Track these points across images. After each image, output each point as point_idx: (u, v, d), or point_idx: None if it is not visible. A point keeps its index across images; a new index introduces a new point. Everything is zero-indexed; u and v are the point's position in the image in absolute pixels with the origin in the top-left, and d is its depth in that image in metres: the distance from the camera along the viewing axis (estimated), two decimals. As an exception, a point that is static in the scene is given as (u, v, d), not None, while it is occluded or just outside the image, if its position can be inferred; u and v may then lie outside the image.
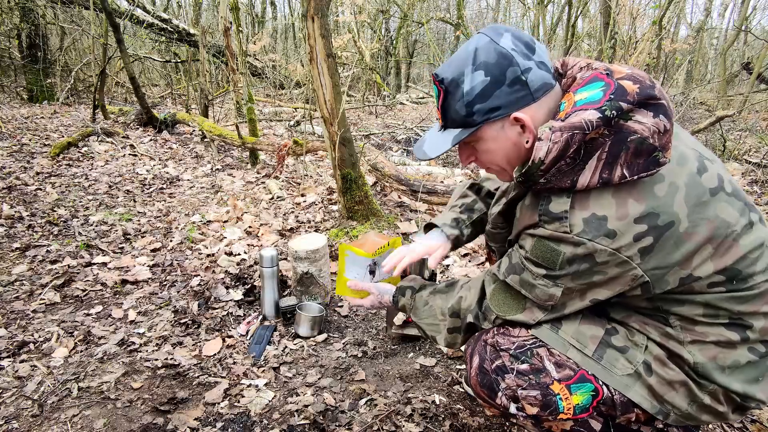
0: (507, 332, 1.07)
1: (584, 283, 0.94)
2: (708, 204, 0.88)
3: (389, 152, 5.69)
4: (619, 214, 0.86)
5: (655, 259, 0.87)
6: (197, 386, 1.66)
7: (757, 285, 0.91)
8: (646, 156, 0.85)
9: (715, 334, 0.94)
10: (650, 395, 0.97)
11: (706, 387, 0.96)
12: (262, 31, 13.73)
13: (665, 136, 0.85)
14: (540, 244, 0.94)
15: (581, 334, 1.00)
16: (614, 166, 0.85)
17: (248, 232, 3.13)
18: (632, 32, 4.85)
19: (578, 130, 0.84)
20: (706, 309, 0.93)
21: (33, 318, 2.08)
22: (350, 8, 8.05)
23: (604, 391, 0.98)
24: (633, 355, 0.98)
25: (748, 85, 8.15)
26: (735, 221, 0.89)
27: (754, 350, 0.94)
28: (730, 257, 0.89)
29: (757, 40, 10.91)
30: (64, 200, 3.65)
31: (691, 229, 0.86)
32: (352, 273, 1.52)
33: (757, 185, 4.37)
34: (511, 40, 0.91)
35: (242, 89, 5.53)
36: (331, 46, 2.70)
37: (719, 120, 4.31)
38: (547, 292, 0.97)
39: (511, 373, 1.02)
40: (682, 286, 0.91)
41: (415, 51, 15.93)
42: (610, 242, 0.86)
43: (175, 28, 8.86)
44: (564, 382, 0.98)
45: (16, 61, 8.63)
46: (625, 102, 0.84)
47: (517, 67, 0.90)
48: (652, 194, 0.86)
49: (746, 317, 0.93)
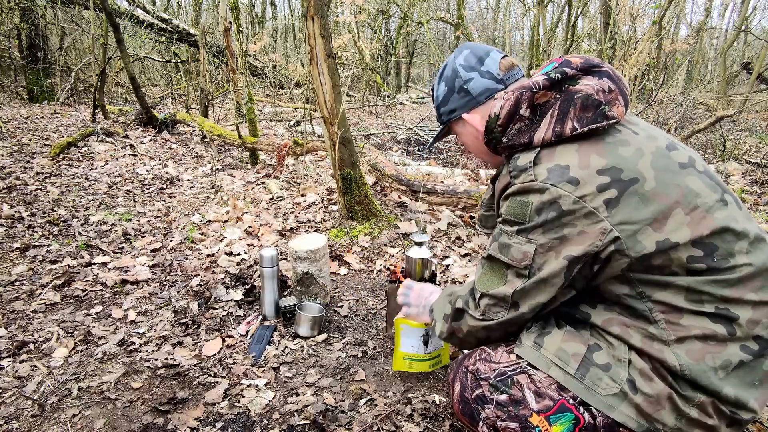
0: (488, 357, 1.08)
1: (556, 238, 0.95)
2: (676, 173, 0.93)
3: (389, 152, 5.69)
4: (581, 164, 0.93)
5: (622, 213, 0.90)
6: (197, 386, 1.66)
7: (738, 267, 0.90)
8: (594, 109, 0.95)
9: (700, 327, 0.90)
10: (637, 414, 0.94)
11: (692, 399, 0.91)
12: (262, 31, 13.73)
13: (610, 94, 0.96)
14: (512, 202, 1.00)
15: (563, 351, 0.99)
16: (565, 120, 0.96)
17: (248, 232, 3.13)
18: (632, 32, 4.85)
19: (526, 89, 0.99)
20: (689, 294, 0.91)
21: (33, 318, 2.08)
22: (350, 8, 8.04)
23: (585, 418, 0.96)
24: (616, 373, 0.95)
25: (748, 85, 8.15)
26: (705, 194, 0.92)
27: (746, 348, 0.90)
28: (704, 227, 0.89)
29: (757, 40, 10.91)
30: (64, 200, 3.65)
31: (659, 189, 0.90)
32: (407, 346, 1.64)
33: (757, 185, 4.37)
34: (464, 57, 1.14)
35: (242, 89, 5.53)
36: (331, 46, 2.70)
37: (719, 120, 4.31)
38: (521, 249, 0.98)
39: (490, 404, 1.02)
40: (660, 256, 0.90)
41: (415, 51, 15.93)
42: (573, 189, 0.91)
43: (175, 28, 8.86)
44: (543, 414, 0.98)
45: (16, 61, 8.63)
46: (569, 68, 0.98)
47: (460, 79, 1.13)
48: (616, 153, 0.94)
49: (732, 306, 0.90)
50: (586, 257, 0.93)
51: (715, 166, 4.79)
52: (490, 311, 1.06)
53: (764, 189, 4.27)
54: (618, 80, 0.99)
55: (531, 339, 1.04)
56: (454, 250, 2.85)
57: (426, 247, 1.87)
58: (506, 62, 1.12)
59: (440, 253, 2.81)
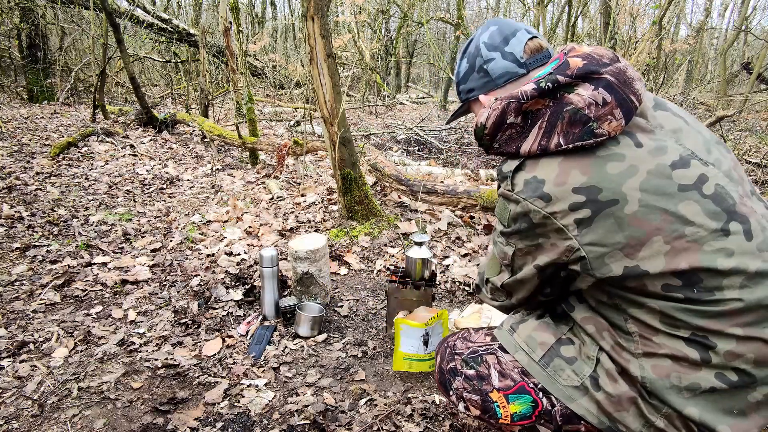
0: (468, 337, 1.19)
1: (531, 245, 0.97)
2: (671, 196, 0.85)
3: (389, 152, 5.69)
4: (558, 180, 0.90)
5: (592, 234, 0.87)
6: (197, 386, 1.66)
7: (725, 301, 0.83)
8: (581, 126, 0.89)
9: (671, 348, 0.87)
10: (598, 411, 0.94)
11: (659, 408, 0.89)
12: (262, 31, 13.73)
13: (603, 108, 0.89)
14: (499, 202, 1.03)
15: (532, 339, 1.06)
16: (552, 134, 0.92)
17: (248, 232, 3.13)
18: (632, 32, 4.85)
19: (514, 99, 0.95)
20: (663, 317, 0.87)
21: (33, 318, 2.08)
22: (350, 8, 8.04)
23: (543, 403, 1.02)
24: (580, 368, 0.98)
25: (748, 85, 8.15)
26: (699, 221, 0.84)
27: (722, 377, 0.85)
28: (686, 260, 0.83)
29: (757, 40, 10.91)
30: (64, 200, 3.65)
31: (641, 215, 0.84)
32: (407, 346, 1.67)
33: (757, 185, 4.37)
34: (489, 35, 1.05)
35: (242, 89, 5.53)
36: (331, 46, 2.70)
37: (719, 120, 4.31)
38: (503, 249, 1.04)
39: (460, 377, 1.13)
40: (631, 280, 0.87)
41: (415, 51, 15.93)
42: (543, 205, 0.90)
43: (175, 28, 8.86)
44: (503, 392, 1.06)
45: (16, 61, 8.63)
46: (563, 75, 0.92)
47: (481, 58, 1.05)
48: (602, 170, 0.88)
49: (710, 336, 0.85)
50: (555, 265, 0.96)
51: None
52: (495, 295, 1.16)
53: (764, 189, 4.27)
54: (620, 86, 0.90)
55: (509, 323, 1.14)
56: (454, 250, 2.85)
57: (426, 247, 1.87)
58: (533, 44, 1.03)
59: (440, 253, 2.81)
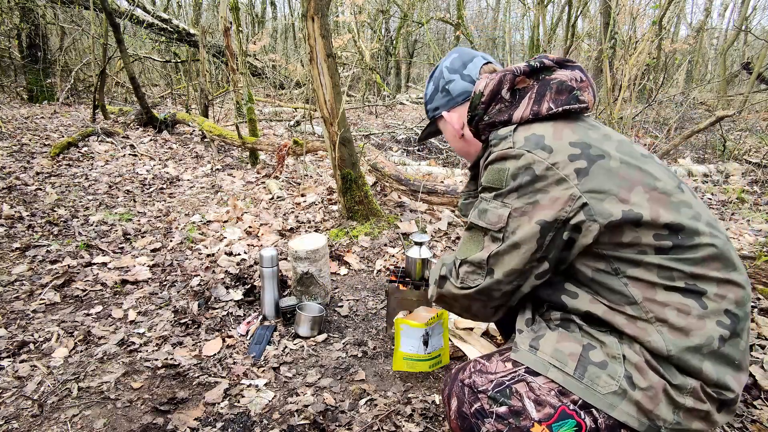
0: (484, 369, 1.06)
1: (529, 202, 1.00)
2: (638, 158, 1.01)
3: (389, 152, 5.69)
4: (555, 135, 1.02)
5: (591, 182, 0.96)
6: (197, 386, 1.66)
7: (703, 246, 0.94)
8: (567, 93, 1.06)
9: (673, 302, 0.94)
10: (638, 412, 0.93)
11: (684, 387, 0.93)
12: (262, 31, 13.73)
13: (582, 83, 1.08)
14: (490, 169, 1.07)
15: (559, 352, 0.99)
16: (542, 102, 1.06)
17: (248, 232, 3.13)
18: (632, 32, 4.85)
19: (509, 72, 1.10)
20: (660, 270, 0.95)
21: (33, 318, 2.08)
22: (350, 8, 8.04)
23: (587, 423, 0.95)
24: (614, 370, 0.95)
25: (748, 85, 8.15)
26: (664, 179, 0.99)
27: (721, 323, 0.94)
28: (664, 205, 0.96)
29: (757, 40, 10.91)
30: (64, 200, 3.65)
31: (623, 170, 0.98)
32: (407, 346, 1.67)
33: (757, 185, 4.37)
34: (450, 60, 1.26)
35: (242, 89, 5.53)
36: (331, 46, 2.70)
37: (719, 120, 4.30)
38: (496, 212, 1.04)
39: (490, 417, 1.00)
40: (628, 232, 0.95)
41: (415, 51, 15.92)
42: (546, 155, 0.99)
43: (175, 28, 8.85)
44: (545, 423, 0.96)
45: (16, 61, 8.62)
46: (547, 59, 1.10)
47: (444, 79, 1.25)
48: (587, 133, 1.03)
49: (699, 282, 0.94)
50: (557, 223, 0.98)
51: (715, 166, 4.79)
52: (468, 278, 1.10)
53: (764, 189, 4.27)
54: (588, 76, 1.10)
55: (526, 343, 1.04)
56: (454, 250, 2.85)
57: (426, 247, 1.87)
58: (487, 68, 1.22)
59: (440, 253, 2.81)
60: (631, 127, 5.21)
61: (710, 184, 4.44)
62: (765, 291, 2.12)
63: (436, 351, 1.68)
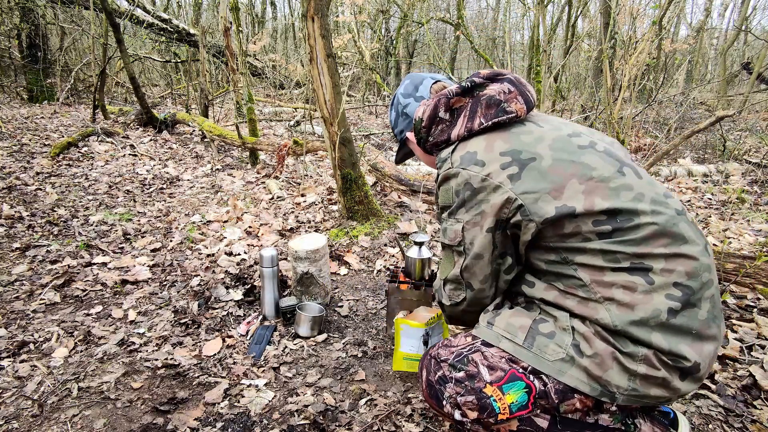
0: (449, 343, 1.20)
1: (476, 214, 1.10)
2: (573, 152, 1.08)
3: (389, 152, 5.68)
4: (486, 149, 1.11)
5: (523, 185, 1.05)
6: (197, 386, 1.66)
7: (643, 225, 0.99)
8: (496, 107, 1.15)
9: (620, 280, 0.99)
10: (588, 378, 1.00)
11: (635, 354, 0.97)
12: (262, 31, 13.73)
13: (509, 95, 1.16)
14: (441, 190, 1.18)
15: (511, 325, 1.11)
16: (474, 118, 1.16)
17: (248, 232, 3.13)
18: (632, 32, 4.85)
19: (443, 96, 1.20)
20: (604, 255, 1.01)
21: (33, 318, 2.08)
22: (350, 8, 8.04)
23: (536, 385, 1.05)
24: (561, 339, 1.04)
25: (748, 85, 8.15)
26: (600, 167, 1.05)
27: (670, 296, 0.97)
28: (599, 194, 1.01)
29: (757, 40, 10.91)
30: (64, 200, 3.65)
31: (556, 166, 1.05)
32: (407, 346, 1.67)
33: (757, 185, 4.37)
34: (404, 86, 1.38)
35: (242, 89, 5.52)
36: (331, 46, 2.70)
37: (719, 120, 4.30)
38: (453, 229, 1.15)
39: (450, 382, 1.12)
40: (566, 224, 1.02)
41: (415, 51, 15.91)
42: (480, 169, 1.09)
43: (175, 28, 8.85)
44: (496, 384, 1.07)
45: (16, 61, 8.62)
46: (477, 77, 1.19)
47: (401, 105, 1.37)
48: (518, 139, 1.11)
49: (645, 260, 0.99)
50: (499, 224, 1.09)
51: (715, 166, 4.79)
52: (453, 295, 1.23)
53: (764, 189, 4.27)
54: (519, 84, 1.19)
55: (485, 320, 1.17)
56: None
57: (426, 247, 1.87)
58: (437, 86, 1.32)
59: (440, 253, 2.80)
60: (631, 127, 5.21)
61: (710, 184, 4.44)
62: (765, 291, 2.12)
63: None
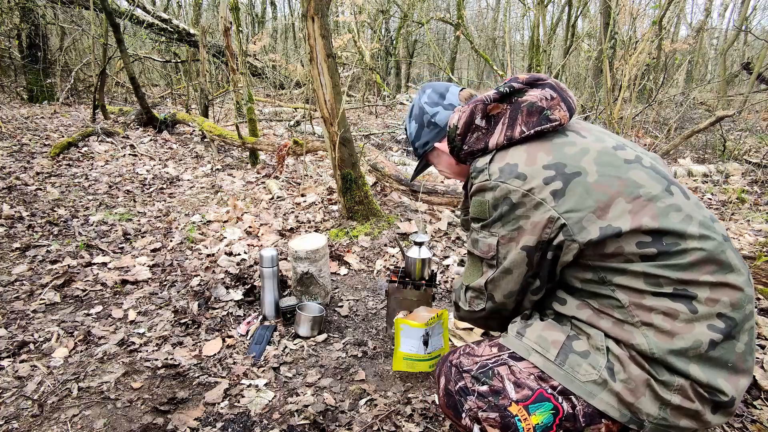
0: (471, 352, 1.14)
1: (513, 229, 1.04)
2: (619, 167, 1.01)
3: (389, 152, 5.68)
4: (528, 162, 1.03)
5: (567, 203, 0.98)
6: (197, 386, 1.66)
7: (690, 251, 0.93)
8: (538, 114, 1.07)
9: (661, 306, 0.94)
10: (618, 403, 0.95)
11: (671, 384, 0.92)
12: (262, 31, 13.73)
13: (552, 101, 1.08)
14: (474, 201, 1.11)
15: (543, 339, 1.04)
16: (514, 126, 1.08)
17: (248, 232, 3.13)
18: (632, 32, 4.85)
19: (480, 102, 1.12)
20: (646, 278, 0.95)
21: (33, 318, 2.08)
22: (350, 8, 8.04)
23: (564, 408, 0.98)
24: (595, 360, 0.98)
25: (748, 85, 8.15)
26: (648, 185, 0.98)
27: (713, 327, 0.92)
28: (648, 214, 0.95)
29: (757, 40, 10.91)
30: (64, 200, 3.65)
31: (602, 182, 0.98)
32: (407, 346, 1.67)
33: (757, 185, 4.37)
34: (427, 95, 1.28)
35: (242, 89, 5.52)
36: (331, 46, 2.70)
37: (719, 120, 4.30)
38: (486, 242, 1.09)
39: (472, 395, 1.06)
40: (609, 244, 0.95)
41: (415, 51, 15.91)
42: (521, 183, 1.01)
43: (175, 28, 8.85)
44: (522, 403, 1.01)
45: (16, 61, 8.62)
46: (516, 83, 1.11)
47: (427, 114, 1.26)
48: (561, 151, 1.03)
49: (689, 287, 0.93)
50: (541, 245, 1.02)
51: (715, 166, 4.79)
52: (473, 303, 1.18)
53: (764, 189, 4.27)
54: (560, 90, 1.11)
55: (515, 330, 1.11)
56: (454, 250, 2.85)
57: (426, 247, 1.87)
58: (465, 93, 1.26)
59: (440, 253, 2.81)
60: (631, 127, 5.21)
61: (710, 184, 4.44)
62: (765, 291, 2.12)
63: (436, 351, 1.68)
